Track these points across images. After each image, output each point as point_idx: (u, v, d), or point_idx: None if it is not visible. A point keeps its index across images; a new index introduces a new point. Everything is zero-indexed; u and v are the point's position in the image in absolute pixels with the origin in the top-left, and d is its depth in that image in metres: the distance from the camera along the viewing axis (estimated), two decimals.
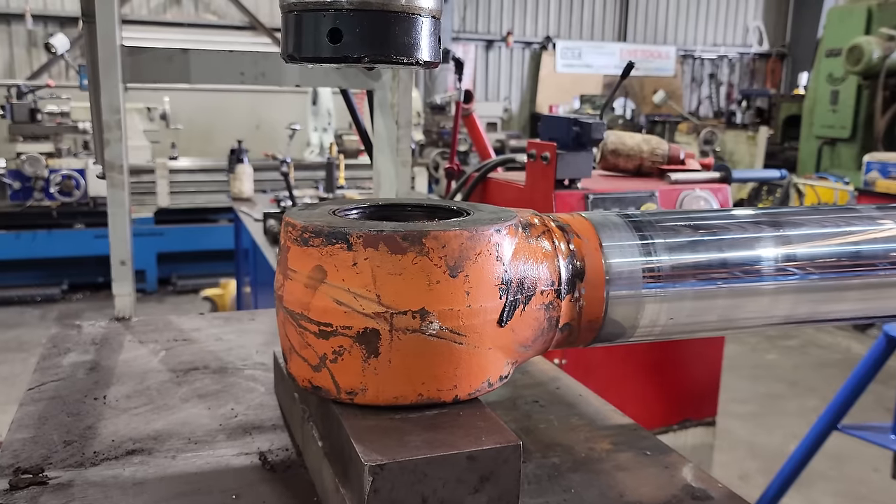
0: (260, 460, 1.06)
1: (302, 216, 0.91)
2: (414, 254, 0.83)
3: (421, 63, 0.85)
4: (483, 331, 0.87)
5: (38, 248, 7.27)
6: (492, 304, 0.87)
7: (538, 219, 0.97)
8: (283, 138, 8.07)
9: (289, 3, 0.84)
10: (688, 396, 2.88)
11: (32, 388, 1.28)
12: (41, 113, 7.26)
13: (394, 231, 0.83)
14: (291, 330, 0.90)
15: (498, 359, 0.91)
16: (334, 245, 0.85)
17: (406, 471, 0.77)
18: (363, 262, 0.84)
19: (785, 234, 1.04)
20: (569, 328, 0.96)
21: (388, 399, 0.86)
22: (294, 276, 0.89)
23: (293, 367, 0.93)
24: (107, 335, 1.57)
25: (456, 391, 0.88)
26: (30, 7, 11.23)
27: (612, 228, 0.99)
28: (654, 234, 0.99)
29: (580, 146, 2.48)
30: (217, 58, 1.84)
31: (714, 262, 1.00)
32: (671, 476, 1.06)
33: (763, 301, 1.04)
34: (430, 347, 0.85)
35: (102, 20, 1.60)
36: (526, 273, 0.91)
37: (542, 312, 0.93)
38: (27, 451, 1.05)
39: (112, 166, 1.65)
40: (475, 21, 15.04)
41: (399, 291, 0.83)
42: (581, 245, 0.96)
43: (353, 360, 0.86)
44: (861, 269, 1.07)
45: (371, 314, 0.83)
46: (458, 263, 0.85)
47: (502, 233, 0.89)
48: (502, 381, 0.93)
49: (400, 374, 0.85)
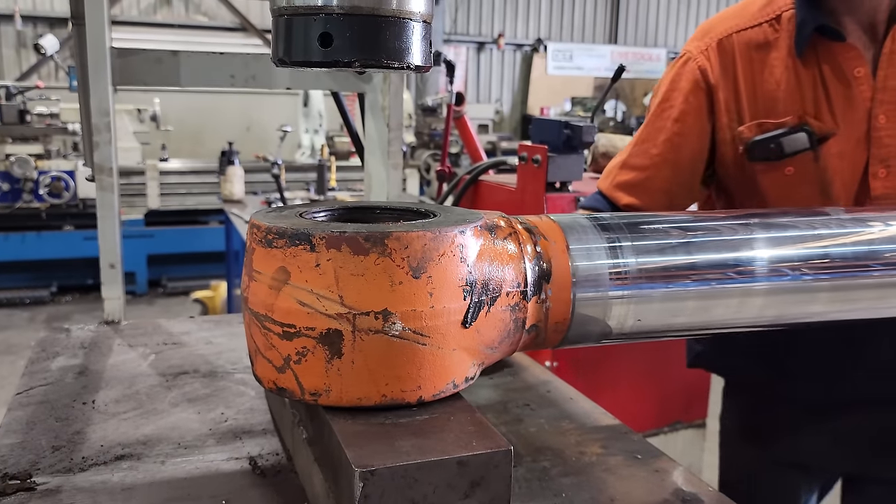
0: (250, 465, 1.06)
1: (268, 218, 0.91)
2: (376, 255, 0.83)
3: (412, 67, 0.85)
4: (447, 332, 0.87)
5: (27, 250, 7.22)
6: (456, 304, 0.87)
7: (504, 221, 0.98)
8: (273, 140, 8.04)
9: (279, 6, 0.84)
10: (678, 398, 2.89)
11: (20, 393, 1.27)
12: (30, 114, 7.21)
13: (356, 232, 0.83)
14: (256, 331, 0.90)
15: (463, 360, 0.91)
16: (297, 246, 0.85)
17: (396, 476, 0.77)
18: (326, 262, 0.84)
19: (754, 237, 1.06)
20: (535, 329, 0.97)
21: (351, 400, 0.86)
22: (258, 278, 0.89)
23: (259, 368, 0.93)
24: (96, 339, 1.56)
25: (420, 392, 0.88)
26: (19, 7, 11.17)
27: (579, 231, 1.00)
28: (622, 236, 1.00)
29: (571, 149, 2.49)
30: (207, 60, 1.83)
31: (682, 265, 1.01)
32: (661, 480, 1.07)
33: (732, 303, 1.05)
34: (393, 348, 0.85)
35: (92, 22, 1.59)
36: (491, 274, 0.91)
37: (508, 314, 0.93)
38: (15, 457, 1.05)
39: (101, 169, 1.65)
40: (466, 23, 15.05)
41: (362, 292, 0.83)
42: (548, 247, 0.97)
43: (316, 361, 0.86)
44: (831, 271, 1.08)
45: (334, 315, 0.84)
46: (421, 264, 0.85)
47: (466, 234, 0.89)
48: (468, 383, 0.93)
49: (363, 374, 0.85)
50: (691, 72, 1.49)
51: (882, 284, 1.12)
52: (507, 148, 9.65)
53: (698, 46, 1.50)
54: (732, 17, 1.49)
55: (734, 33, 1.46)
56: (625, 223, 1.03)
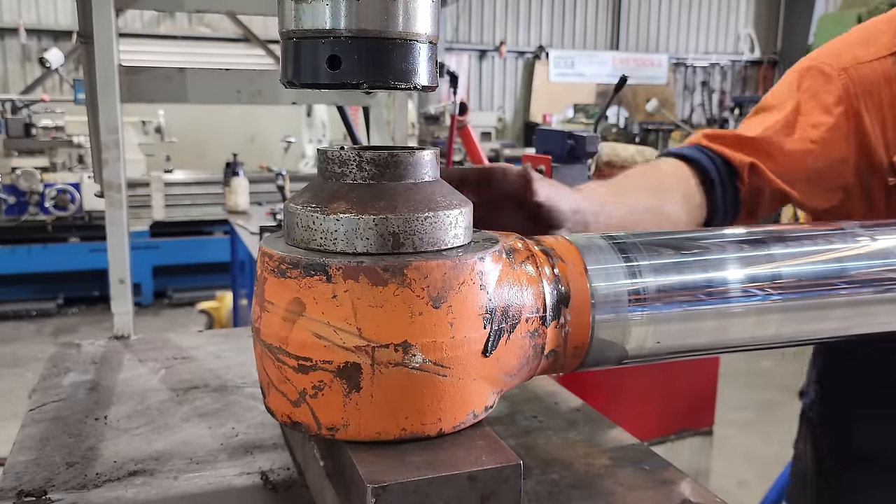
0: (262, 480, 1.07)
1: (279, 246, 0.89)
2: (395, 285, 0.81)
3: (419, 88, 0.86)
4: (467, 362, 0.85)
5: (34, 263, 7.26)
6: (476, 334, 0.85)
7: (521, 243, 0.96)
8: (278, 150, 8.09)
9: (288, 29, 0.85)
10: (684, 407, 2.90)
11: (33, 409, 1.28)
12: (36, 127, 7.26)
13: (374, 263, 0.81)
14: (269, 364, 0.88)
15: (483, 389, 0.89)
16: (313, 277, 0.82)
17: (408, 492, 0.78)
18: (343, 294, 0.81)
19: (771, 253, 1.05)
20: (554, 355, 0.95)
21: (370, 435, 0.84)
22: (271, 309, 0.86)
23: (272, 402, 0.90)
24: (106, 354, 1.58)
25: (440, 425, 0.86)
26: (23, 21, 11.24)
27: (596, 251, 0.97)
28: (639, 255, 0.98)
29: (575, 159, 2.51)
30: (214, 76, 1.86)
31: (700, 283, 1.00)
32: (669, 491, 1.07)
33: (751, 321, 1.03)
34: (412, 381, 0.83)
35: (101, 40, 1.61)
36: (510, 300, 0.89)
37: (528, 340, 0.91)
38: (30, 474, 1.06)
39: (110, 185, 1.66)
40: (468, 31, 15.11)
41: (380, 324, 0.81)
42: (565, 269, 0.95)
43: (333, 395, 0.83)
44: (848, 286, 1.07)
45: (352, 348, 0.81)
46: (442, 294, 0.83)
47: (486, 260, 0.87)
48: (487, 412, 0.91)
49: (382, 409, 0.83)
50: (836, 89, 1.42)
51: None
52: (510, 155, 9.67)
53: (832, 65, 1.43)
54: (858, 44, 1.44)
55: (863, 63, 1.41)
56: (640, 241, 1.01)
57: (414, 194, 0.87)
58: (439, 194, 0.89)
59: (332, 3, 0.80)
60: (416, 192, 0.87)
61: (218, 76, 1.85)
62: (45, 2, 11.60)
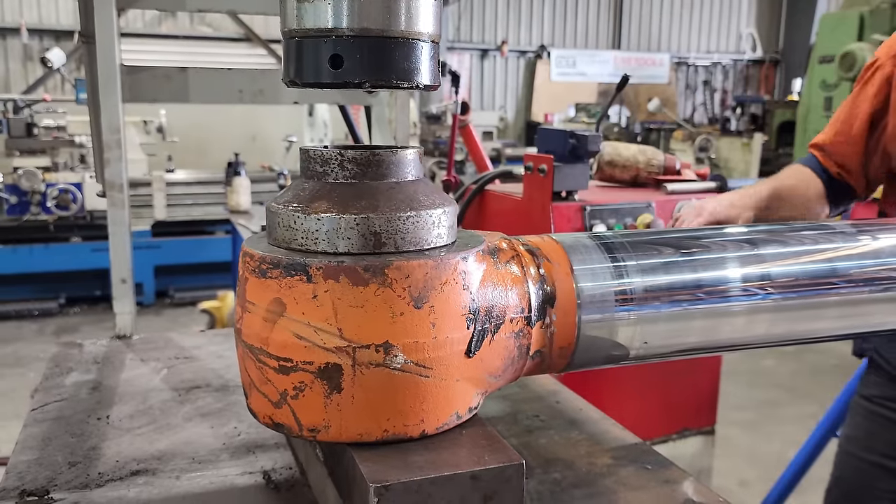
0: (264, 479, 1.07)
1: (261, 246, 0.88)
2: (376, 285, 0.80)
3: (421, 87, 0.86)
4: (450, 363, 0.85)
5: (36, 263, 7.25)
6: (459, 334, 0.85)
7: (507, 243, 0.95)
8: (279, 150, 8.08)
9: (290, 29, 0.85)
10: (686, 406, 2.89)
11: (36, 409, 1.28)
12: (37, 127, 7.26)
13: (355, 263, 0.81)
14: (251, 365, 0.87)
15: (466, 391, 0.88)
16: (293, 277, 0.82)
17: (410, 491, 0.78)
18: (323, 294, 0.81)
19: (760, 253, 1.04)
20: (540, 355, 0.94)
21: (351, 436, 0.84)
22: (252, 309, 0.86)
23: (254, 403, 0.90)
24: (108, 354, 1.58)
25: (423, 426, 0.85)
26: (25, 21, 11.25)
27: (583, 251, 0.97)
28: (626, 255, 0.98)
29: (577, 158, 2.50)
30: (215, 76, 1.86)
31: (688, 284, 0.99)
32: (672, 491, 1.07)
33: (740, 321, 1.03)
34: (394, 382, 0.82)
35: (102, 40, 1.61)
36: (494, 301, 0.88)
37: (512, 341, 0.90)
38: (32, 473, 1.06)
39: (112, 185, 1.67)
40: (470, 30, 15.09)
41: (361, 325, 0.81)
42: (551, 269, 0.94)
43: (314, 396, 0.83)
44: (839, 286, 1.07)
45: (333, 348, 0.81)
46: (423, 294, 0.82)
47: (469, 260, 0.86)
48: (472, 413, 0.91)
49: (364, 410, 0.83)
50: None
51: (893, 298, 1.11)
52: (512, 155, 9.64)
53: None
54: None
55: None
56: (628, 241, 1.01)
57: (396, 193, 0.86)
58: (422, 193, 0.88)
59: (334, 2, 0.80)
60: (399, 192, 0.87)
61: (219, 76, 1.85)
62: (46, 1, 11.60)
